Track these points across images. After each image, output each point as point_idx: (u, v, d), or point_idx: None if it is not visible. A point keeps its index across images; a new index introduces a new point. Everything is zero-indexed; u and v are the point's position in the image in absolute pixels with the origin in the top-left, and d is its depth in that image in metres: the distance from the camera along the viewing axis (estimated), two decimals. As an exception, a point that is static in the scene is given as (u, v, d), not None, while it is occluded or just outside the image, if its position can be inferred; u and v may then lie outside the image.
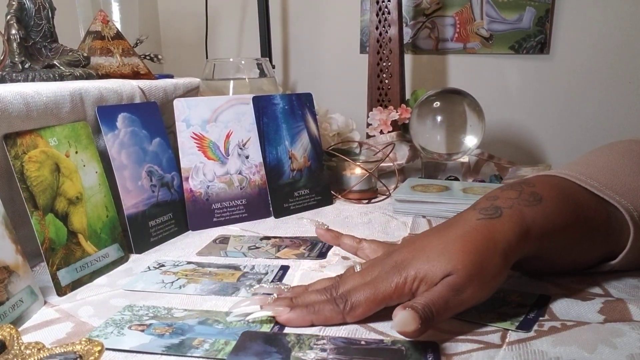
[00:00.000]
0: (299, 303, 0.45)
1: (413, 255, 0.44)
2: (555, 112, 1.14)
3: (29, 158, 0.53)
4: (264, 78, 0.92)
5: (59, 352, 0.33)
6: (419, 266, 0.43)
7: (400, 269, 0.43)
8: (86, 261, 0.56)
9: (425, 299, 0.40)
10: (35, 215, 0.52)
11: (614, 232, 0.48)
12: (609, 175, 0.50)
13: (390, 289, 0.43)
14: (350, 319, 0.44)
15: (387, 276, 0.43)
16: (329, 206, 0.82)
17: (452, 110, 0.92)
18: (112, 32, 0.82)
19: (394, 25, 1.03)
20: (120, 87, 0.70)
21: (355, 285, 0.45)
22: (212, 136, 0.74)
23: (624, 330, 0.40)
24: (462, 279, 0.41)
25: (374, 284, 0.44)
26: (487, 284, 0.42)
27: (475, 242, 0.43)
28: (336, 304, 0.44)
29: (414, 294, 0.42)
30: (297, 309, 0.44)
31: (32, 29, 0.69)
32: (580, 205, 0.48)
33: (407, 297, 0.43)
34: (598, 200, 0.48)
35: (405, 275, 0.43)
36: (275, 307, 0.44)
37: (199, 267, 0.58)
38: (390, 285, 0.43)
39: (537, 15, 1.09)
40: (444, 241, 0.43)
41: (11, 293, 0.46)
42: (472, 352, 0.39)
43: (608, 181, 0.49)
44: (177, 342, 0.42)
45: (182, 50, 1.46)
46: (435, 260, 0.42)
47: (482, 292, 0.42)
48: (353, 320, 0.44)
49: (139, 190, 0.66)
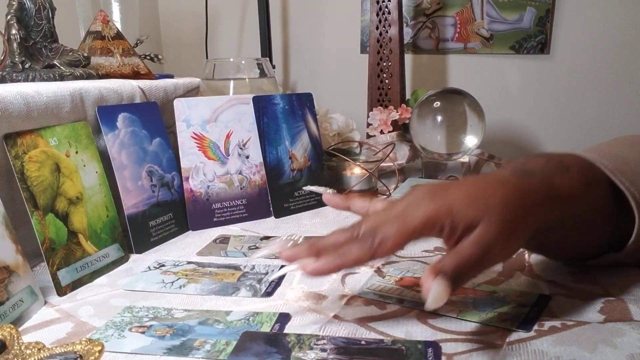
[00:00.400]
0: (323, 248, 0.42)
1: (446, 189, 0.41)
2: (555, 112, 1.14)
3: (30, 158, 0.53)
4: (264, 78, 0.92)
5: (59, 352, 0.33)
6: (453, 200, 0.40)
7: (434, 198, 0.40)
8: (86, 261, 0.56)
9: (455, 261, 0.38)
10: (35, 215, 0.52)
11: (622, 219, 0.48)
12: (620, 162, 0.49)
13: (422, 219, 0.39)
14: (382, 253, 0.40)
15: (418, 205, 0.40)
16: (329, 206, 0.82)
17: (452, 110, 0.92)
18: (112, 32, 0.82)
19: (394, 25, 1.03)
20: (120, 87, 0.70)
21: (381, 220, 0.41)
22: (212, 136, 0.74)
23: (625, 330, 0.40)
24: (493, 235, 0.39)
25: (402, 214, 0.40)
26: (515, 242, 0.41)
27: (510, 196, 0.41)
28: (364, 241, 0.40)
29: (442, 232, 0.40)
30: (323, 256, 0.41)
31: (33, 29, 0.69)
32: (597, 183, 0.47)
33: (436, 232, 0.40)
34: (610, 183, 0.48)
35: (439, 205, 0.40)
36: (300, 260, 0.41)
37: (199, 267, 0.58)
38: (422, 214, 0.39)
39: (538, 15, 1.09)
40: (481, 187, 0.41)
41: (11, 293, 0.46)
42: (473, 352, 0.39)
43: (619, 167, 0.48)
44: (178, 343, 0.42)
45: (182, 50, 1.46)
46: (471, 201, 0.40)
47: (510, 250, 0.41)
48: (384, 255, 0.41)
49: (139, 190, 0.66)
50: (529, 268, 0.54)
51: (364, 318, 0.45)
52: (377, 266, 0.56)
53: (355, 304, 0.48)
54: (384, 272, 0.55)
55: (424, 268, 0.55)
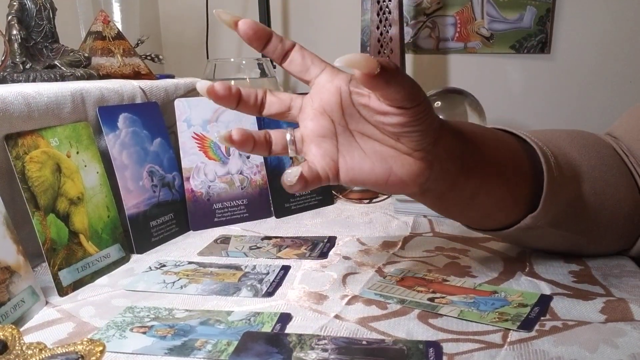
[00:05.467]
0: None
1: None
2: (556, 112, 1.14)
3: (30, 158, 0.53)
4: (264, 78, 0.92)
5: (60, 353, 0.33)
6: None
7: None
8: (87, 261, 0.56)
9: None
10: (36, 215, 0.52)
11: (536, 180, 0.49)
12: (541, 136, 0.52)
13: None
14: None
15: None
16: (330, 206, 0.82)
17: (453, 110, 0.92)
18: (113, 32, 0.82)
19: (394, 24, 1.03)
20: (121, 87, 0.70)
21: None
22: (213, 136, 0.74)
23: (626, 330, 0.40)
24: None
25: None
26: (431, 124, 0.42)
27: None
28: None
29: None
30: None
31: (33, 30, 0.69)
32: (506, 142, 0.50)
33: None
34: (526, 148, 0.50)
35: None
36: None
37: (200, 267, 0.58)
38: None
39: (538, 14, 1.09)
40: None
41: (13, 293, 0.46)
42: (474, 352, 0.39)
43: (536, 137, 0.51)
44: (179, 343, 0.42)
45: (183, 50, 1.46)
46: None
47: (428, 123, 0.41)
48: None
49: (140, 190, 0.66)
50: (530, 268, 0.54)
51: (365, 318, 0.45)
52: (379, 266, 0.56)
53: (357, 304, 0.48)
54: (385, 272, 0.55)
55: (425, 268, 0.56)
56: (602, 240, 0.53)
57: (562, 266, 0.54)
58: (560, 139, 0.53)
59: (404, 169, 0.43)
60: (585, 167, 0.51)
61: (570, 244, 0.54)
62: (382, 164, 0.43)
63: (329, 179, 0.43)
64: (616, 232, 0.53)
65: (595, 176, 0.51)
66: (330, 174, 0.43)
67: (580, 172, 0.51)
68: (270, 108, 0.44)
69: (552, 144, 0.51)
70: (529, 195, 0.49)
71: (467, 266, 0.55)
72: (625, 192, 0.52)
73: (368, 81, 0.36)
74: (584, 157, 0.52)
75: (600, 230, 0.52)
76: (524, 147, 0.51)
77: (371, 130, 0.43)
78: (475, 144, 0.47)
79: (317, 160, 0.43)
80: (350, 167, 0.43)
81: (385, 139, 0.42)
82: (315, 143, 0.43)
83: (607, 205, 0.51)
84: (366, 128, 0.43)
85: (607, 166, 0.52)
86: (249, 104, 0.43)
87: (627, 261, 0.55)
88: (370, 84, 0.37)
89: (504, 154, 0.49)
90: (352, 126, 0.43)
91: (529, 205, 0.49)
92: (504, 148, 0.50)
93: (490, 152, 0.48)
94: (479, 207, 0.49)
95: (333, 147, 0.43)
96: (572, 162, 0.51)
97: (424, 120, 0.40)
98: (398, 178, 0.43)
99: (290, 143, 0.44)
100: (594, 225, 0.52)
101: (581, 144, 0.53)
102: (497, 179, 0.48)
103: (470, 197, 0.48)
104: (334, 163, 0.43)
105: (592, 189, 0.51)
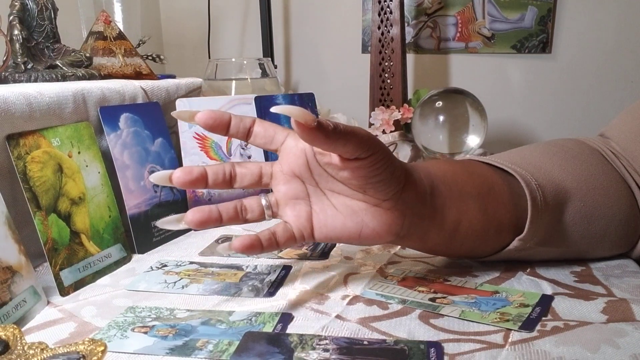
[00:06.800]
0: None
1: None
2: (557, 112, 1.14)
3: (32, 158, 0.53)
4: (266, 78, 0.92)
5: (62, 352, 0.33)
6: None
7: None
8: (89, 261, 0.56)
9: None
10: (38, 215, 0.52)
11: (519, 206, 0.49)
12: (520, 159, 0.52)
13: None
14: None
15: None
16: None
17: (454, 109, 0.92)
18: (114, 32, 0.82)
19: (396, 24, 1.03)
20: (122, 87, 0.70)
21: None
22: (214, 136, 0.74)
23: (627, 330, 0.40)
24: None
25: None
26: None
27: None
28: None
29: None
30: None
31: (35, 30, 0.69)
32: (480, 174, 0.50)
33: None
34: (504, 176, 0.51)
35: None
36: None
37: (201, 267, 0.58)
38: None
39: (539, 14, 1.09)
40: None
41: (14, 293, 0.46)
42: (475, 352, 0.39)
43: (515, 161, 0.51)
44: (180, 343, 0.42)
45: (184, 50, 1.46)
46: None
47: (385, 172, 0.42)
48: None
49: (142, 190, 0.66)
50: (531, 268, 0.54)
51: (366, 318, 0.45)
52: (380, 266, 0.56)
53: (358, 304, 0.48)
54: (386, 272, 0.55)
55: (426, 268, 0.55)
56: (598, 248, 0.54)
57: (564, 266, 0.54)
58: (540, 158, 0.53)
59: (375, 220, 0.44)
60: (570, 182, 0.51)
61: (567, 256, 0.54)
62: (354, 217, 0.44)
63: (303, 238, 0.45)
64: (613, 239, 0.53)
65: (582, 189, 0.51)
66: (306, 234, 0.45)
67: (565, 188, 0.50)
68: (243, 181, 0.45)
69: (532, 165, 0.51)
70: (513, 220, 0.50)
71: (468, 266, 0.55)
72: (617, 198, 0.52)
73: (307, 134, 0.37)
74: (568, 172, 0.51)
75: (596, 240, 0.52)
76: (501, 175, 0.51)
77: (339, 186, 0.44)
78: (446, 183, 0.48)
79: (292, 221, 0.45)
80: (323, 225, 0.45)
81: (354, 194, 0.44)
82: (290, 205, 0.45)
83: (599, 215, 0.51)
84: (335, 185, 0.44)
85: (594, 176, 0.52)
86: (217, 182, 0.45)
87: (629, 261, 0.55)
88: (309, 138, 0.37)
89: (478, 187, 0.49)
90: (322, 185, 0.45)
91: (515, 229, 0.50)
92: (478, 180, 0.50)
93: (464, 187, 0.49)
94: (462, 242, 0.50)
95: (307, 206, 0.45)
96: (555, 180, 0.50)
97: (384, 168, 0.42)
98: (371, 230, 0.45)
99: (267, 208, 0.46)
100: (588, 237, 0.52)
101: (563, 158, 0.53)
102: (475, 213, 0.49)
103: (451, 235, 0.49)
104: (309, 223, 0.45)
105: (580, 202, 0.51)
